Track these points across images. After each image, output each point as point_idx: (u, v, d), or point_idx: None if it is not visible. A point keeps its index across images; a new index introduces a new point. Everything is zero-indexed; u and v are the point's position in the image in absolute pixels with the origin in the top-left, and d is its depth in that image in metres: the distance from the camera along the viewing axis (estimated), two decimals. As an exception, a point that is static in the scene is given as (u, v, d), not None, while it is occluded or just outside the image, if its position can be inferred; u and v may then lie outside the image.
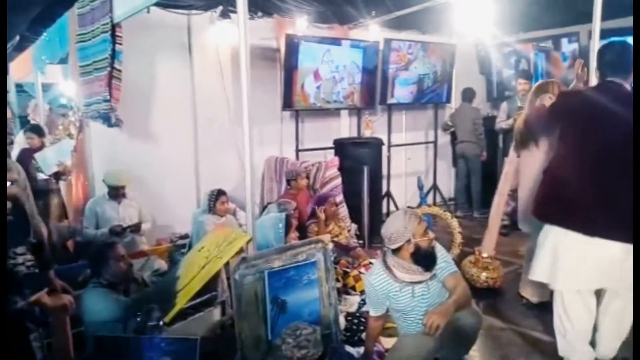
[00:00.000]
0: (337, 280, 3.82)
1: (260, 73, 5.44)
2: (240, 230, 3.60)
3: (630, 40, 2.82)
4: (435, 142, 7.20)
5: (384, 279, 2.64)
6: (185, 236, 4.76)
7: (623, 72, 2.54)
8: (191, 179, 5.30)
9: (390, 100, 6.48)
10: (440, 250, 2.70)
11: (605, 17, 4.04)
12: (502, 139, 6.10)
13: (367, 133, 6.18)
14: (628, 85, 2.56)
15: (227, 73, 5.19)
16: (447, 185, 7.51)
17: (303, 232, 4.39)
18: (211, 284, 3.03)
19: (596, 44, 4.01)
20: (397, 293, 2.62)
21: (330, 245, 3.13)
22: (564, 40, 6.32)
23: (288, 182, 4.94)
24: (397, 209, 6.46)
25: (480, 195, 6.46)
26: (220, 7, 4.94)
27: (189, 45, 5.15)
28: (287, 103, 5.50)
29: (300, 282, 2.94)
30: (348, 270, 4.09)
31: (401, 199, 6.77)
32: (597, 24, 3.98)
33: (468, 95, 6.58)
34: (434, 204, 7.04)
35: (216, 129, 5.24)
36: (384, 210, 6.54)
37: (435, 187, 7.13)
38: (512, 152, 3.84)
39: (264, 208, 4.59)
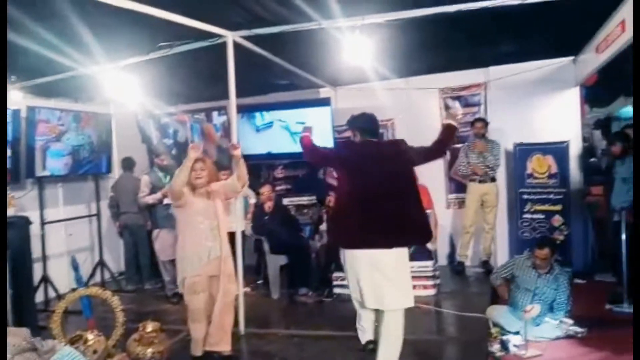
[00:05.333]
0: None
1: None
2: None
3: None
4: (98, 215, 6.76)
5: None
6: None
7: (375, 134, 3.43)
8: None
9: (42, 173, 5.81)
10: None
11: (240, 95, 4.62)
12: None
13: (9, 211, 5.31)
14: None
15: None
16: (119, 258, 7.09)
17: None
18: None
19: (233, 117, 4.53)
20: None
21: None
22: (215, 113, 6.96)
23: None
24: (57, 293, 5.75)
25: (149, 267, 6.29)
26: None
27: None
28: None
29: None
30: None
31: (64, 281, 6.03)
32: (233, 101, 4.49)
33: (127, 164, 6.47)
34: (103, 281, 6.55)
35: None
36: (42, 298, 5.73)
37: (102, 263, 6.64)
38: None
39: None
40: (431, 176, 6.34)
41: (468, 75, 6.42)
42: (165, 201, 5.49)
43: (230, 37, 4.22)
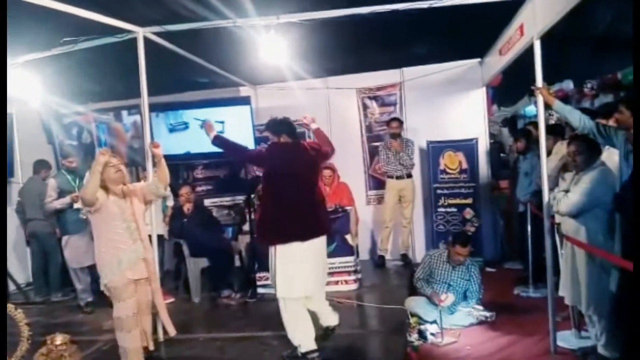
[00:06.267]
0: None
1: None
2: None
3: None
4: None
5: None
6: None
7: (296, 135, 3.67)
8: None
9: None
10: None
11: (155, 93, 4.46)
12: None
13: None
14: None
15: None
16: (26, 268, 6.59)
17: None
18: None
19: (146, 116, 4.35)
20: None
21: None
22: (124, 112, 6.64)
23: None
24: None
25: (59, 276, 5.88)
26: None
27: None
28: None
29: None
30: None
31: (-40, 297, 5.52)
32: (145, 99, 4.30)
33: (36, 167, 5.99)
34: (7, 293, 6.06)
35: None
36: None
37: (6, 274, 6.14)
38: None
39: None
40: (352, 174, 6.47)
41: (384, 75, 6.62)
42: (76, 206, 5.17)
43: (141, 32, 4.07)
